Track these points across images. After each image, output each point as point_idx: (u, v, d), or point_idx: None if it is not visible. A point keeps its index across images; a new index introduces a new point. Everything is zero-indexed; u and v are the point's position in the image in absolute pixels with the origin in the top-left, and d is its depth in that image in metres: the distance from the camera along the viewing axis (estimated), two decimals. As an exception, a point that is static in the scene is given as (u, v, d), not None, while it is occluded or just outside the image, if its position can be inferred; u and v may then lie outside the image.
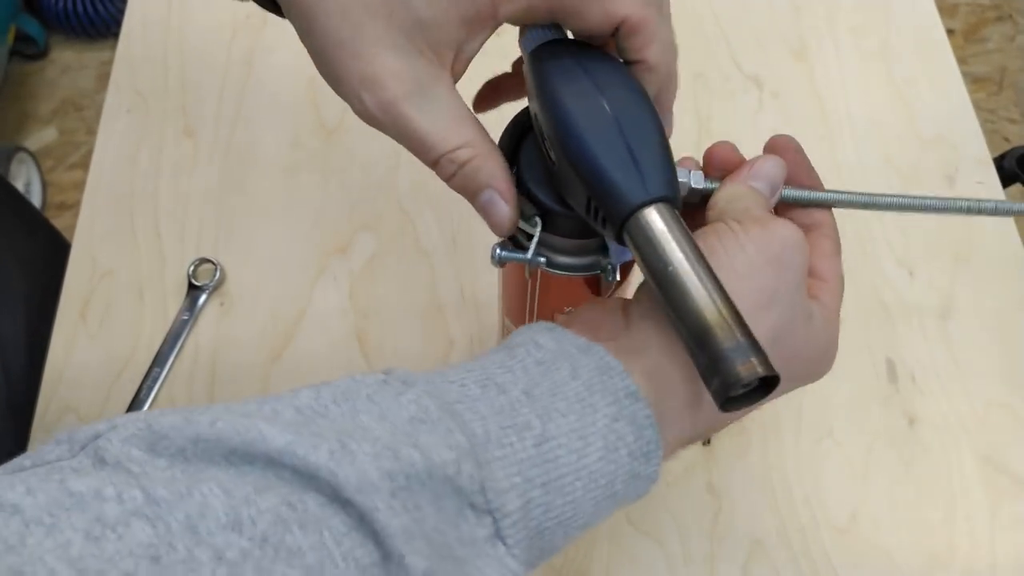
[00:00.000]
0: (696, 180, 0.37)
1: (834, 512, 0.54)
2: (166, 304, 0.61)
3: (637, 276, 0.35)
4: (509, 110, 0.39)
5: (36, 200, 1.54)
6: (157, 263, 0.62)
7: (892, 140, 0.68)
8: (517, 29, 0.37)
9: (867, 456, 0.56)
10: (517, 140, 0.37)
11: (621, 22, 0.34)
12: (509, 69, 0.41)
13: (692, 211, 0.38)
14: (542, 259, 0.37)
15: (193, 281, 0.61)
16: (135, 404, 0.57)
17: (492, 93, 0.41)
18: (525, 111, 0.37)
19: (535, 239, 0.36)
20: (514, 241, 0.38)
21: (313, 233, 0.63)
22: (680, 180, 0.36)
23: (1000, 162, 1.00)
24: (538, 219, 0.36)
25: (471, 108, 0.36)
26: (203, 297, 0.61)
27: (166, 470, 0.26)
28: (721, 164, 0.38)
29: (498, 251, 0.37)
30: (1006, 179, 1.00)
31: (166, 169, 0.66)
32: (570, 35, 0.36)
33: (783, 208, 0.39)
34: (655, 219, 0.31)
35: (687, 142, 0.67)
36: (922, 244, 0.63)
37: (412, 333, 0.60)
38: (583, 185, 0.33)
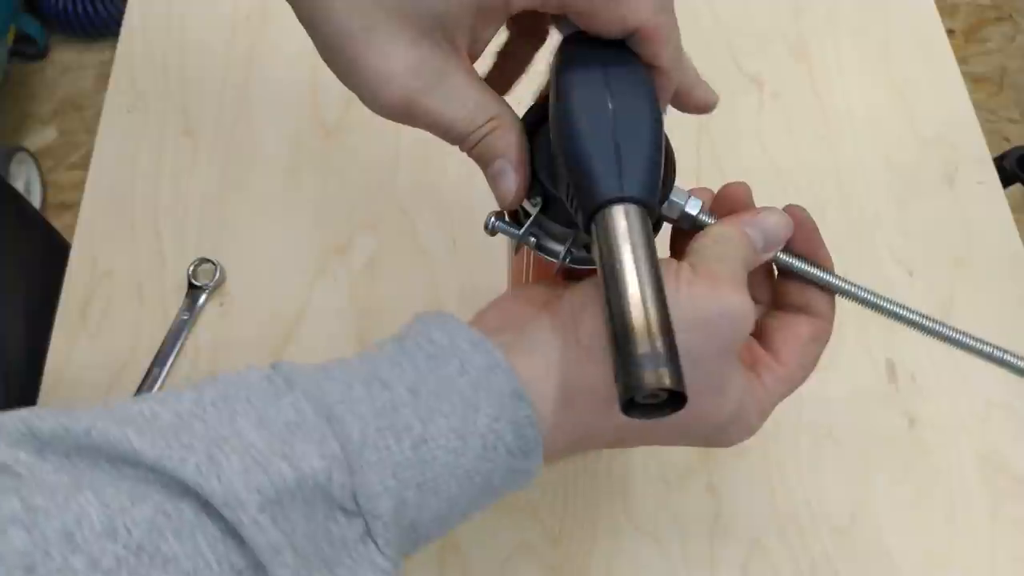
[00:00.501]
0: (692, 206, 0.37)
1: (834, 512, 0.54)
2: (166, 304, 0.61)
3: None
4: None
5: (36, 200, 1.54)
6: (157, 263, 0.62)
7: (892, 140, 0.67)
8: None
9: (867, 456, 0.56)
10: (536, 123, 0.37)
11: (635, 30, 0.34)
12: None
13: (683, 237, 0.38)
14: (532, 239, 0.37)
15: (193, 281, 0.61)
16: (135, 404, 0.57)
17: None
18: (546, 99, 0.37)
19: (531, 218, 0.37)
20: (515, 216, 0.38)
21: (313, 233, 0.63)
22: (674, 200, 0.37)
23: (1000, 162, 1.00)
24: (539, 199, 0.36)
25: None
26: (203, 297, 0.61)
27: (52, 474, 0.27)
28: (730, 203, 0.38)
29: (492, 219, 0.38)
30: (1006, 179, 1.00)
31: (166, 169, 0.66)
32: None
33: (783, 279, 0.39)
34: (620, 218, 0.32)
35: (687, 142, 0.67)
36: (922, 244, 0.63)
37: (412, 333, 0.59)
38: (566, 170, 0.33)
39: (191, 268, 0.61)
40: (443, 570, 0.52)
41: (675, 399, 0.29)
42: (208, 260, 0.62)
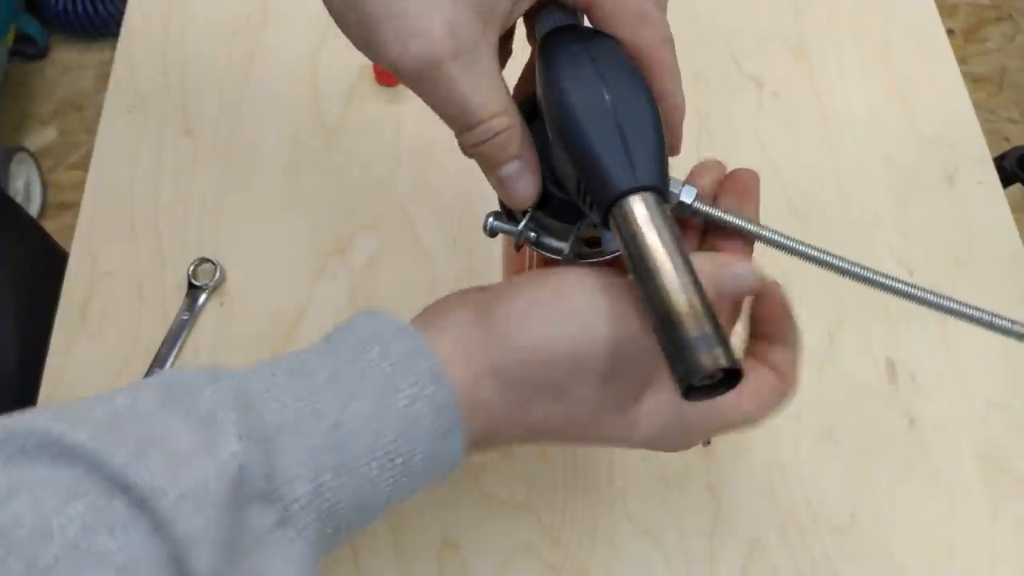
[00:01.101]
0: (686, 195, 0.37)
1: (834, 512, 0.54)
2: (166, 304, 0.61)
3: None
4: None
5: (36, 200, 1.54)
6: (157, 263, 0.62)
7: (892, 140, 0.67)
8: None
9: (867, 456, 0.56)
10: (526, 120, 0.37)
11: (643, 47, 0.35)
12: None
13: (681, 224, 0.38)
14: (532, 234, 0.37)
15: (193, 281, 0.61)
16: (135, 404, 0.57)
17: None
18: (534, 95, 0.37)
19: (528, 215, 0.37)
20: (509, 215, 0.38)
21: (313, 233, 0.63)
22: (671, 190, 0.36)
23: (1000, 162, 1.00)
24: None
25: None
26: (203, 297, 0.61)
27: None
28: (739, 188, 0.38)
29: (491, 220, 0.38)
30: (1006, 179, 1.00)
31: (166, 169, 0.66)
32: (586, 22, 0.37)
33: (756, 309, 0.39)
34: (639, 207, 0.32)
35: (687, 142, 0.67)
36: (922, 244, 0.63)
37: (412, 333, 0.59)
38: (575, 167, 0.33)
39: (191, 268, 0.61)
40: (443, 570, 0.52)
41: (730, 376, 0.30)
42: (208, 260, 0.62)
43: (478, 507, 0.54)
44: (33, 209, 1.53)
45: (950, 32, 1.60)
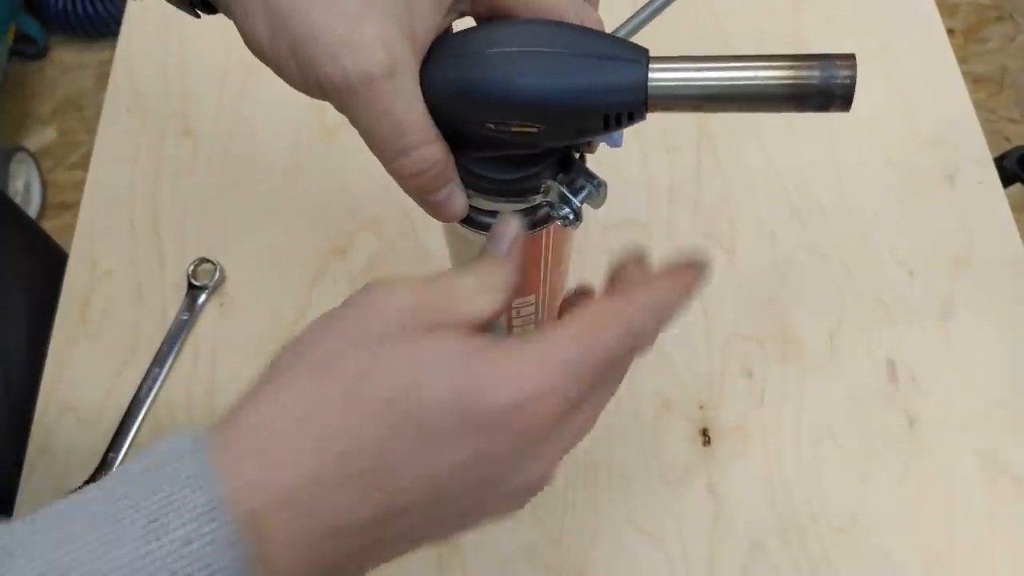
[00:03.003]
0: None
1: (834, 512, 0.54)
2: (165, 304, 0.61)
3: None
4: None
5: (36, 200, 1.54)
6: (156, 263, 0.62)
7: (892, 140, 0.67)
8: None
9: (867, 456, 0.56)
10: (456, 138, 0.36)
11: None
12: None
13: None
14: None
15: (193, 281, 0.61)
16: (135, 404, 0.57)
17: None
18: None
19: (571, 192, 0.36)
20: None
21: (313, 234, 0.63)
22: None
23: (1001, 162, 1.00)
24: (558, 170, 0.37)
25: None
26: (203, 297, 0.61)
27: None
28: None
29: (575, 207, 0.36)
30: (1006, 179, 1.00)
31: (166, 169, 0.66)
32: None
33: None
34: (661, 74, 0.32)
35: (687, 142, 0.67)
36: (922, 244, 0.63)
37: (412, 333, 0.59)
38: (593, 111, 0.33)
39: (191, 268, 0.61)
40: (443, 570, 0.52)
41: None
42: (208, 260, 0.62)
43: (478, 507, 0.54)
44: (33, 209, 1.53)
45: (950, 32, 1.60)
